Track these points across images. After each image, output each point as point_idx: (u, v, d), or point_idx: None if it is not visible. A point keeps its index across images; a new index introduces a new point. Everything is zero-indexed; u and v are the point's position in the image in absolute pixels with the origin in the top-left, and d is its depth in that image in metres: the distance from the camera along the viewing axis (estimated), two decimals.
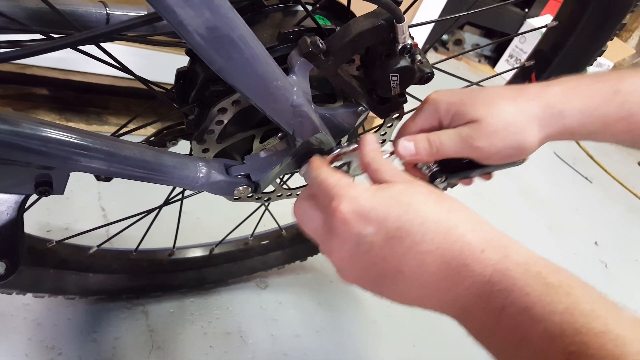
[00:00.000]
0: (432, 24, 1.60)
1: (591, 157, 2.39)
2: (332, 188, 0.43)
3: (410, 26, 0.52)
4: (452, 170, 0.58)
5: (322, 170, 0.48)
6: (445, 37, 2.84)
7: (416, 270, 0.39)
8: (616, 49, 3.05)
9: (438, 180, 0.58)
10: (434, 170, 0.59)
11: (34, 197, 0.49)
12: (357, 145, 0.57)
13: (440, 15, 1.46)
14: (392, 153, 0.57)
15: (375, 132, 0.67)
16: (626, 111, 0.52)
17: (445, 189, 0.99)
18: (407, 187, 0.42)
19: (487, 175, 0.62)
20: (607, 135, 0.54)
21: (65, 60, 1.08)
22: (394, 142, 0.57)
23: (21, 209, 0.49)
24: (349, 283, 0.45)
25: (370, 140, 0.50)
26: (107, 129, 1.25)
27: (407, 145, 0.55)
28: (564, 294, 0.34)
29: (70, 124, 1.18)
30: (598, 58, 0.75)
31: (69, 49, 0.43)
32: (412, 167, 0.62)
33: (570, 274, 0.36)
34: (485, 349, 0.38)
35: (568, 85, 0.54)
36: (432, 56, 2.63)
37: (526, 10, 2.77)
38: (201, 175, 0.54)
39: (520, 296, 0.35)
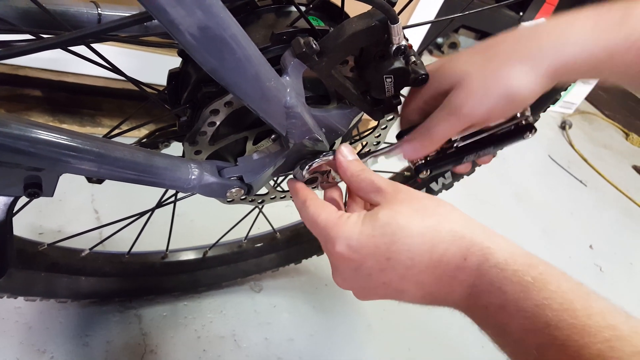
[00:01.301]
0: (428, 27, 1.60)
1: (585, 161, 2.39)
2: (323, 229, 0.48)
3: (404, 27, 0.51)
4: (438, 161, 0.58)
5: (308, 206, 0.51)
6: (440, 40, 2.85)
7: (415, 287, 0.45)
8: None
9: (423, 173, 0.57)
10: (418, 164, 0.58)
11: (24, 199, 0.48)
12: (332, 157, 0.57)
13: (436, 18, 1.46)
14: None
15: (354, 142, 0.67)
16: (632, 42, 0.45)
17: (441, 190, 0.99)
18: (390, 214, 0.44)
19: (487, 158, 0.60)
20: (616, 69, 0.47)
21: (59, 62, 1.07)
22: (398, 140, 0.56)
23: (10, 211, 0.49)
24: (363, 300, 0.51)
25: (345, 152, 0.54)
26: (101, 131, 1.24)
27: (408, 148, 0.54)
28: (536, 291, 0.37)
29: (64, 126, 1.18)
30: None
31: (60, 50, 0.43)
32: None
33: (546, 267, 0.39)
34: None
35: (566, 18, 0.48)
36: (427, 59, 2.63)
37: (521, 13, 2.77)
38: (193, 177, 0.53)
39: (498, 295, 0.39)
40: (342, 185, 0.58)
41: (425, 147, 0.54)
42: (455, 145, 0.57)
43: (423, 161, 0.57)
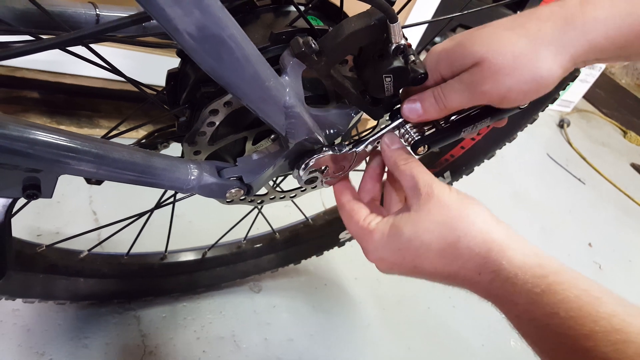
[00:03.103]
0: (425, 26, 1.61)
1: (584, 159, 2.40)
2: (356, 237, 0.54)
3: (403, 27, 0.51)
4: (436, 135, 0.56)
5: (341, 214, 0.56)
6: (438, 39, 2.85)
7: (443, 281, 0.50)
8: None
9: (420, 149, 0.55)
10: (416, 139, 0.55)
11: (22, 200, 0.48)
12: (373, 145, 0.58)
13: (433, 17, 1.46)
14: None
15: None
16: None
17: (451, 183, 0.98)
18: (414, 230, 0.48)
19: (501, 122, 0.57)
20: None
21: (56, 63, 1.07)
22: (401, 105, 0.54)
23: (8, 212, 0.48)
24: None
25: (389, 141, 0.55)
26: (98, 132, 1.24)
27: (412, 107, 0.53)
28: (545, 301, 0.40)
29: (61, 128, 1.17)
30: None
31: (58, 52, 0.42)
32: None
33: (556, 277, 0.42)
34: None
35: None
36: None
37: (518, 12, 2.78)
38: (192, 177, 0.53)
39: (511, 307, 0.43)
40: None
41: (429, 112, 0.52)
42: (451, 118, 0.55)
43: (420, 136, 0.55)
